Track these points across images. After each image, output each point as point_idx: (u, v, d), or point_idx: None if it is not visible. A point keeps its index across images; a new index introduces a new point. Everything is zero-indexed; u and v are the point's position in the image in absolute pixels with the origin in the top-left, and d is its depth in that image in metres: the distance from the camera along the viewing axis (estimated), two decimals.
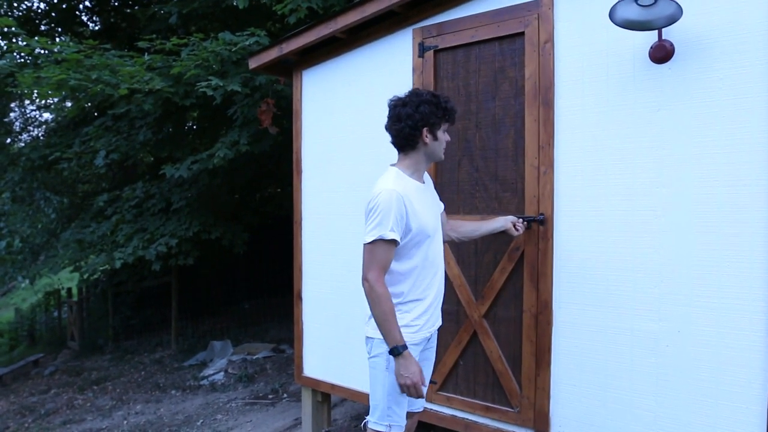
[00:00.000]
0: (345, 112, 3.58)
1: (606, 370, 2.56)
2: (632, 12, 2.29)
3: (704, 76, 2.31)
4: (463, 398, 3.06)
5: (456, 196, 3.08)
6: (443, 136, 2.27)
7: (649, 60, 2.40)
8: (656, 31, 2.35)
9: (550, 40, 2.70)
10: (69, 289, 14.43)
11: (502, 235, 2.83)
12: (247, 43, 4.56)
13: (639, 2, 2.25)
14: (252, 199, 8.77)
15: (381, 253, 2.08)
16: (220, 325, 9.04)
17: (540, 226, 2.73)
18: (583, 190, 2.64)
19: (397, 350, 2.06)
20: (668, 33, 2.34)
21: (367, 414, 2.32)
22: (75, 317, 11.93)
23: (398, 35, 3.30)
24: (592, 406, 2.61)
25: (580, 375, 2.64)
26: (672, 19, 2.25)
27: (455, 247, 3.07)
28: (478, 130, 2.99)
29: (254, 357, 6.76)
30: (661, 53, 2.35)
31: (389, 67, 3.34)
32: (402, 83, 3.25)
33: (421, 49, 3.15)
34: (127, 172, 8.13)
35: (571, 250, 2.67)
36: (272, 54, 3.71)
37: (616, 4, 2.30)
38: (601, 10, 2.47)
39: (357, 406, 4.45)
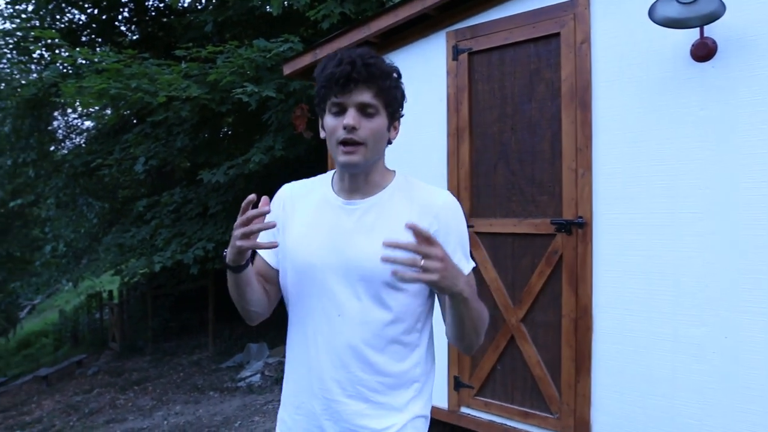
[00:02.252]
0: None
1: (648, 377, 2.50)
2: (672, 10, 2.24)
3: (749, 74, 2.24)
4: (500, 403, 3.03)
5: (492, 200, 3.06)
6: (332, 120, 1.26)
7: (691, 58, 2.34)
8: (697, 29, 2.29)
9: (587, 40, 2.66)
10: (110, 292, 14.81)
11: (540, 238, 2.80)
12: (281, 49, 4.62)
13: (679, 0, 2.20)
14: None
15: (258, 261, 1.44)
16: (256, 327, 9.15)
17: (579, 229, 2.69)
18: (622, 192, 2.59)
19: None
20: (710, 30, 2.28)
21: None
22: (116, 319, 12.24)
23: (431, 39, 3.30)
24: (634, 413, 2.55)
25: (622, 382, 2.59)
26: (714, 17, 2.19)
27: (492, 250, 3.04)
28: (514, 132, 2.96)
29: None
30: (703, 51, 2.29)
31: (423, 71, 3.34)
32: (436, 86, 3.24)
33: (455, 52, 3.13)
34: (165, 177, 8.30)
35: (611, 253, 2.62)
36: (306, 59, 3.75)
37: (656, 2, 2.26)
38: (640, 9, 2.42)
39: None
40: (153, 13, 9.07)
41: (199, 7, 8.72)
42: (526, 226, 2.91)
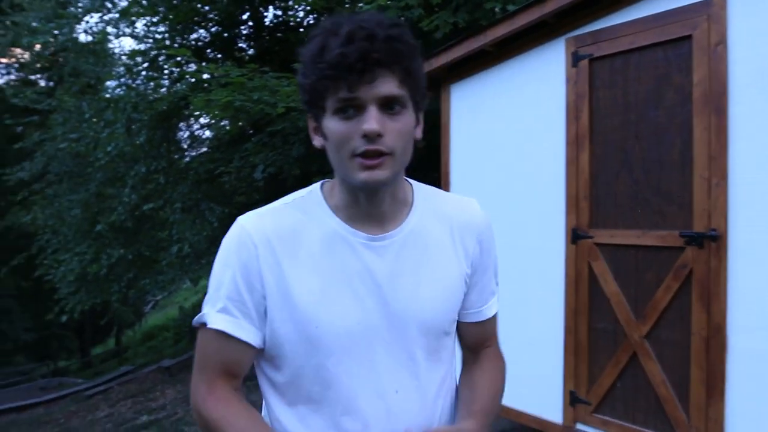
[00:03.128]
0: (494, 125, 3.57)
1: None
2: None
3: None
4: (620, 422, 2.91)
5: (614, 211, 2.95)
6: (340, 125, 0.90)
7: None
8: None
9: (723, 41, 2.51)
10: None
11: (667, 251, 2.67)
12: None
13: None
14: None
15: (209, 348, 1.00)
16: None
17: (712, 242, 2.53)
18: (762, 203, 2.41)
19: None
20: None
21: (511, 430, 2.07)
22: None
23: (550, 45, 3.24)
24: None
25: (759, 407, 2.40)
26: None
27: (613, 263, 2.94)
28: (638, 140, 2.84)
29: None
30: None
31: (540, 79, 3.29)
32: (554, 94, 3.18)
33: (575, 59, 3.06)
34: (279, 184, 8.73)
35: (749, 269, 2.44)
36: None
37: None
38: None
39: (501, 421, 4.38)
40: (270, 29, 9.59)
41: (312, 22, 9.11)
42: (652, 238, 2.78)
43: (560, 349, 3.16)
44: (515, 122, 3.45)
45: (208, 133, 10.38)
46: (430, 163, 5.82)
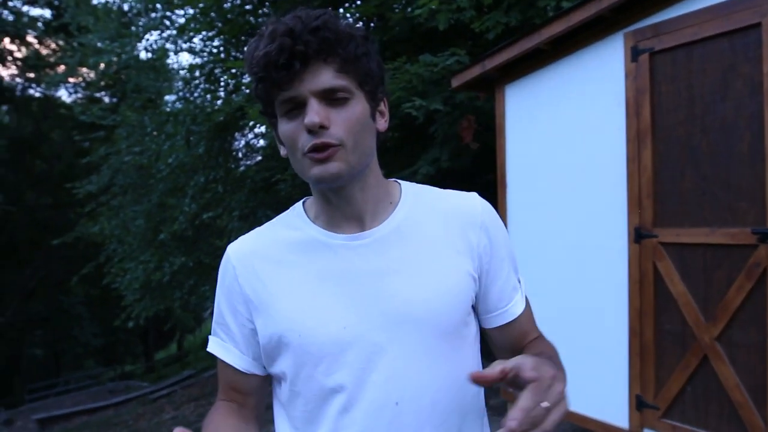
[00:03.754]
0: (551, 124, 3.52)
1: None
2: None
3: None
4: (691, 428, 2.80)
5: (679, 208, 2.85)
6: (288, 126, 0.88)
7: None
8: None
9: None
10: None
11: (738, 249, 2.56)
12: (448, 62, 4.72)
13: None
14: None
15: (218, 371, 1.03)
16: None
17: None
18: None
19: None
20: None
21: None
22: None
23: (607, 41, 3.17)
24: None
25: None
26: None
27: (679, 262, 2.84)
28: (705, 134, 2.74)
29: None
30: None
31: (598, 75, 3.22)
32: (613, 90, 3.11)
33: (635, 53, 2.99)
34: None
35: None
36: (475, 71, 3.79)
37: None
38: None
39: (564, 425, 4.29)
40: None
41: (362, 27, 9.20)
42: (721, 236, 2.67)
43: (625, 352, 3.07)
44: (572, 121, 3.39)
45: (262, 142, 10.62)
46: (485, 165, 5.78)
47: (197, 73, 9.15)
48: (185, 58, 35.37)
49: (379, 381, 0.89)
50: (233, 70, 8.49)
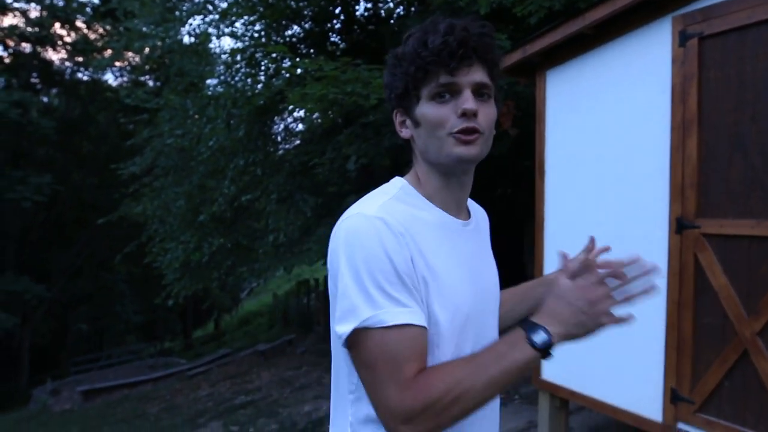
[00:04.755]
0: (593, 111, 3.45)
1: None
2: None
3: None
4: (728, 424, 2.74)
5: (724, 199, 2.77)
6: (437, 109, 0.99)
7: None
8: None
9: None
10: (317, 280, 16.21)
11: None
12: None
13: None
14: (486, 200, 8.91)
15: (394, 349, 0.91)
16: None
17: None
18: None
19: (542, 345, 0.94)
20: None
21: (607, 426, 2.03)
22: (321, 305, 13.37)
23: (654, 26, 3.08)
24: None
25: None
26: None
27: (722, 254, 2.76)
28: (754, 122, 2.65)
29: None
30: None
31: (643, 61, 3.14)
32: (658, 77, 3.03)
33: (683, 38, 2.90)
34: (369, 175, 8.88)
35: None
36: (515, 56, 3.74)
37: None
38: None
39: (596, 416, 4.25)
40: (362, 22, 9.75)
41: (402, 13, 9.16)
42: (767, 229, 2.59)
43: (661, 344, 3.02)
44: (615, 108, 3.31)
45: (300, 126, 10.71)
46: (524, 152, 5.71)
47: (238, 57, 9.27)
48: (227, 43, 35.85)
49: (482, 343, 1.03)
50: (274, 55, 8.56)
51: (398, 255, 0.93)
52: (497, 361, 0.91)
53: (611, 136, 3.34)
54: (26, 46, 20.46)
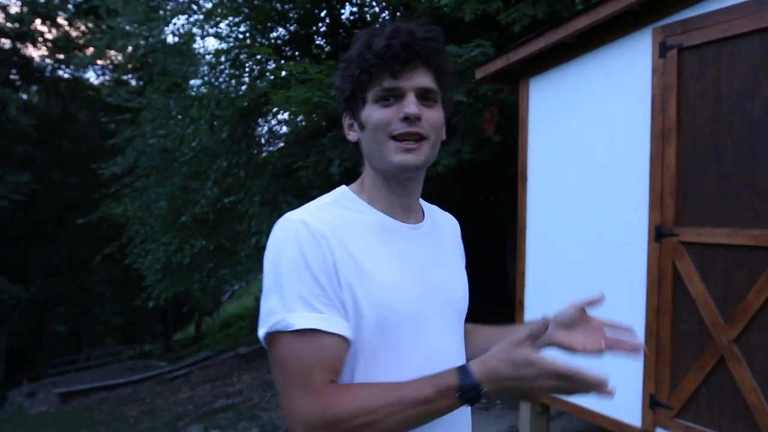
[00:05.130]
0: (574, 119, 3.49)
1: None
2: None
3: None
4: (705, 429, 2.78)
5: (701, 208, 2.82)
6: (380, 111, 0.98)
7: None
8: None
9: None
10: None
11: (760, 251, 2.53)
12: (473, 54, 4.70)
13: None
14: (469, 206, 8.97)
15: (303, 354, 0.91)
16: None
17: None
18: None
19: (470, 401, 0.89)
20: None
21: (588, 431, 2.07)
22: None
23: (635, 36, 3.13)
24: None
25: None
26: None
27: (699, 262, 2.81)
28: (731, 134, 2.70)
29: None
30: None
31: (624, 71, 3.18)
32: (638, 86, 3.07)
33: (663, 49, 2.94)
34: (353, 178, 8.87)
35: None
36: (498, 64, 3.77)
37: None
38: None
39: (576, 421, 4.29)
40: (347, 25, 9.75)
41: (386, 18, 9.18)
42: (743, 237, 2.64)
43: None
44: (596, 116, 3.36)
45: (284, 129, 10.67)
46: (507, 159, 5.74)
47: (223, 58, 9.22)
48: (211, 43, 35.65)
49: (436, 350, 1.02)
50: (258, 56, 8.53)
51: (315, 259, 0.92)
52: (420, 404, 0.87)
53: (592, 143, 3.38)
54: (5, 42, 20.11)
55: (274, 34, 9.95)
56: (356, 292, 0.93)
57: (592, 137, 3.38)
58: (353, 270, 0.94)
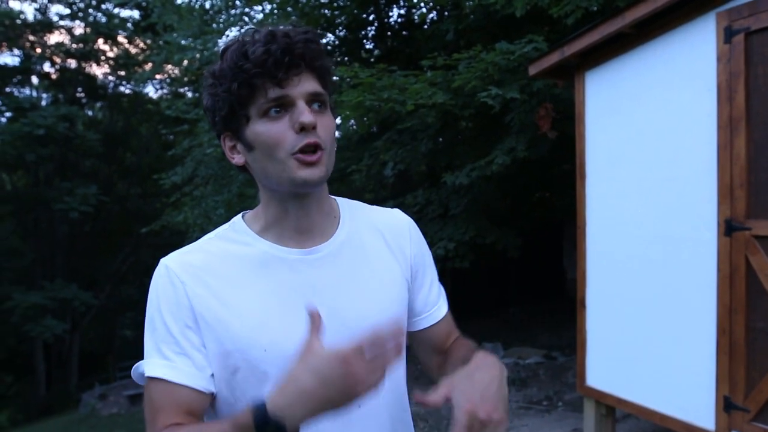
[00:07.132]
0: (634, 111, 3.38)
1: None
2: None
3: None
4: None
5: None
6: (272, 126, 0.88)
7: None
8: None
9: None
10: None
11: None
12: (525, 50, 4.63)
13: None
14: (524, 204, 8.84)
15: (157, 400, 0.92)
16: (490, 327, 9.26)
17: None
18: None
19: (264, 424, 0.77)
20: None
21: None
22: None
23: (697, 22, 3.01)
24: None
25: None
26: None
27: None
28: None
29: (525, 362, 6.77)
30: None
31: (686, 59, 3.06)
32: (702, 75, 2.95)
33: (728, 34, 2.81)
34: (405, 181, 8.88)
35: None
36: (553, 58, 3.70)
37: None
38: None
39: (644, 424, 4.14)
40: (395, 28, 9.80)
41: (434, 18, 9.16)
42: None
43: (712, 350, 2.93)
44: (658, 108, 3.24)
45: (337, 134, 10.78)
46: (563, 155, 5.63)
47: None
48: None
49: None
50: None
51: (169, 305, 0.91)
52: None
53: (654, 136, 3.27)
54: (71, 62, 21.23)
55: (324, 41, 10.09)
56: (220, 335, 0.90)
57: (655, 130, 3.27)
58: (217, 312, 0.90)
